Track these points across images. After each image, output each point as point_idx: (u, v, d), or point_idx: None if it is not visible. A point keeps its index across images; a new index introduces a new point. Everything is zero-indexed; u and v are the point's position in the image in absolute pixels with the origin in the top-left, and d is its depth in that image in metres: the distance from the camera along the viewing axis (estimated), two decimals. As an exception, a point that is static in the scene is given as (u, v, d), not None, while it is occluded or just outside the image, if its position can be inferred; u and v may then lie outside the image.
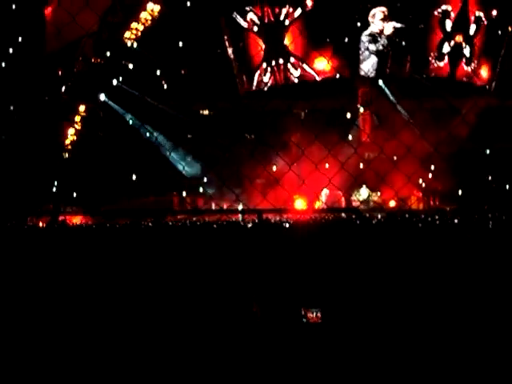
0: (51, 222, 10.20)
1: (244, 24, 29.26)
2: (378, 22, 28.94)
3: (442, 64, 29.51)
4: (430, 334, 6.71)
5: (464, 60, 29.60)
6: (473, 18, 29.17)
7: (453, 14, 29.01)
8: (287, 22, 28.99)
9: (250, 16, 29.14)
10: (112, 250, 9.94)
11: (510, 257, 8.62)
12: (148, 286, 7.97)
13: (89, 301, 7.57)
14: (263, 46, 29.34)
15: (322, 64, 29.29)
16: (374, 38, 29.13)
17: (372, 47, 29.11)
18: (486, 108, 26.85)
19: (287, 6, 28.76)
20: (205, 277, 8.19)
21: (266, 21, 29.11)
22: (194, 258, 8.90)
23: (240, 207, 18.76)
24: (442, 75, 29.46)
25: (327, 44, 28.19)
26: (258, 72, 29.81)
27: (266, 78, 29.66)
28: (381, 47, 29.12)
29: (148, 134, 28.23)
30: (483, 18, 29.00)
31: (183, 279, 8.09)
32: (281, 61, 29.59)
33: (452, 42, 29.32)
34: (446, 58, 29.51)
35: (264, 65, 29.69)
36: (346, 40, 28.47)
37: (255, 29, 29.31)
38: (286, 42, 29.25)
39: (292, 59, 29.59)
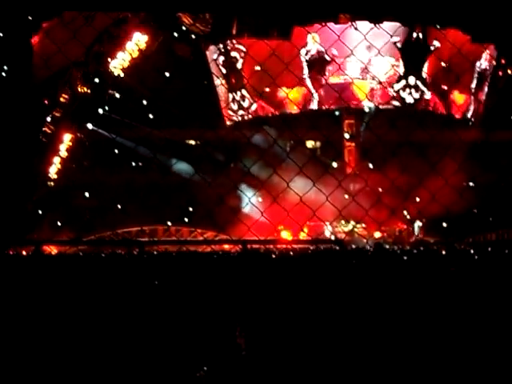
0: (35, 252, 10.14)
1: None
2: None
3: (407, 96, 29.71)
4: (417, 365, 6.71)
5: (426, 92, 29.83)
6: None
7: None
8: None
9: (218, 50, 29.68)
10: (96, 280, 9.89)
11: (494, 288, 8.65)
12: (130, 316, 7.92)
13: (71, 329, 7.52)
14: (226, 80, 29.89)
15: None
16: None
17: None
18: (468, 140, 27.10)
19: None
20: (188, 308, 8.15)
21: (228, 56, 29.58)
22: (177, 289, 8.87)
23: (224, 237, 18.72)
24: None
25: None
26: (229, 105, 30.20)
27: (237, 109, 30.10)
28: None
29: (134, 164, 28.28)
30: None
31: (166, 310, 8.06)
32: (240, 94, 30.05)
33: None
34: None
35: (230, 98, 30.11)
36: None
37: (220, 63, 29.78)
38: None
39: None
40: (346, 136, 29.86)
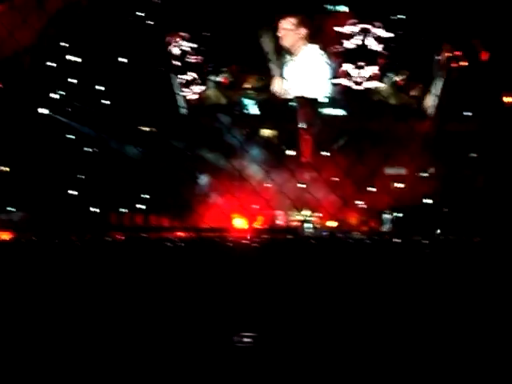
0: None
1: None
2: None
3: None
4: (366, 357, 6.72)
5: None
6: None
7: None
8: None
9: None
10: (47, 267, 9.77)
11: (447, 279, 8.73)
12: (82, 304, 7.83)
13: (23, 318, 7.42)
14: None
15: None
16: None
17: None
18: (424, 132, 27.31)
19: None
20: (138, 297, 8.08)
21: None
22: (127, 277, 8.80)
23: (178, 225, 18.59)
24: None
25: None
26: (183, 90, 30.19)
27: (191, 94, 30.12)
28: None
29: (89, 149, 28.00)
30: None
31: (115, 299, 7.97)
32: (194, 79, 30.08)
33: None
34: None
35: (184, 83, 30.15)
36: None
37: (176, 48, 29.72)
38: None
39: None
40: (301, 125, 29.86)
